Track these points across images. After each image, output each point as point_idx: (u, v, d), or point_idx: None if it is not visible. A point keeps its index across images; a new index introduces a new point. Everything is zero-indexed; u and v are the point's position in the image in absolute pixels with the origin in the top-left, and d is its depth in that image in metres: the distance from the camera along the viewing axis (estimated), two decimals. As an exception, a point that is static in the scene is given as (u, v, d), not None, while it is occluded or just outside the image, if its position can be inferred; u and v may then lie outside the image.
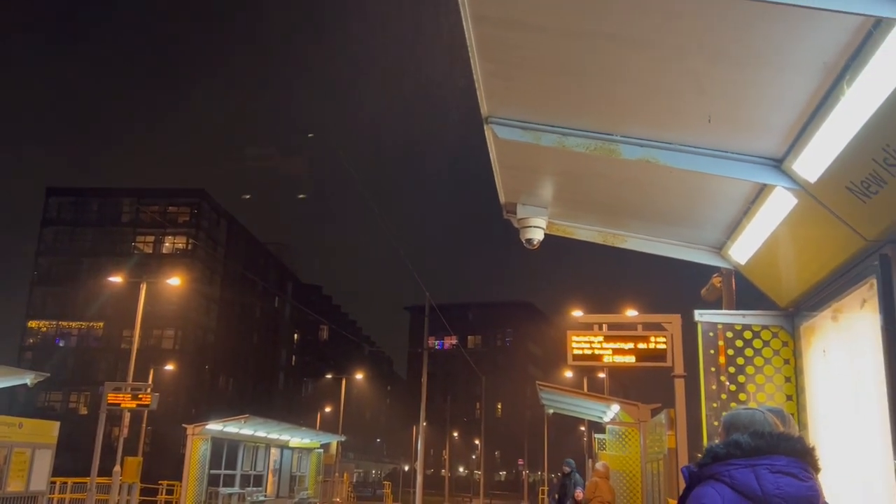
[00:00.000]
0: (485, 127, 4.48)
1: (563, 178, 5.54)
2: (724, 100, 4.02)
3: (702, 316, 5.98)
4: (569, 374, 46.60)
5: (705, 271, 9.08)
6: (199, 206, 65.04)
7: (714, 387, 5.89)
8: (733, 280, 8.23)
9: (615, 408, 17.06)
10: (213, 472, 24.47)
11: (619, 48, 3.71)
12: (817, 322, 5.47)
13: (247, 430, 26.38)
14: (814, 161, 4.15)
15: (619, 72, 3.93)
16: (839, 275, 4.89)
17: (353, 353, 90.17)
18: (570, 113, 4.43)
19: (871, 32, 3.15)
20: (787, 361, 5.88)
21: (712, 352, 5.94)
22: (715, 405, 5.86)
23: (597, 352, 13.60)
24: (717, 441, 2.90)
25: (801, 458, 2.72)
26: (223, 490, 25.19)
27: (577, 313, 29.14)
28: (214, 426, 24.01)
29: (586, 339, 13.62)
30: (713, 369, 5.91)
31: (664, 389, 10.02)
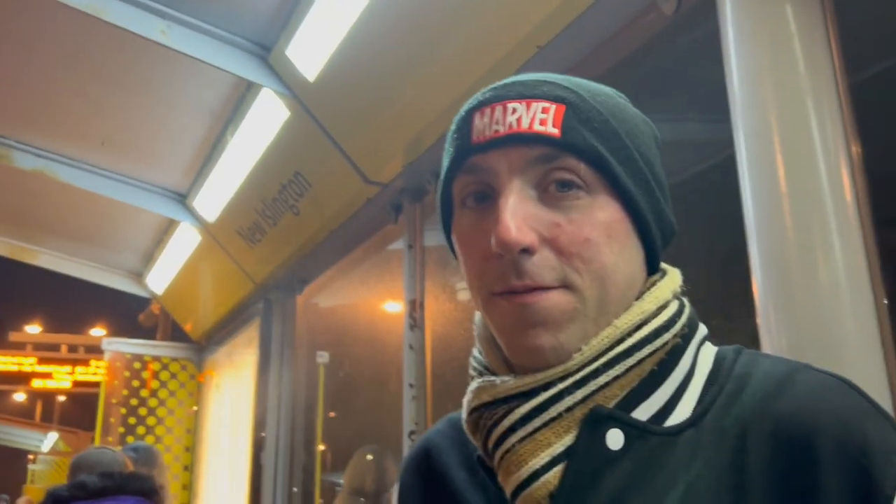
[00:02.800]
0: None
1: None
2: (121, 126, 3.89)
3: (110, 345, 5.71)
4: (21, 395, 41.20)
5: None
6: None
7: (113, 420, 5.65)
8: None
9: (53, 436, 15.58)
10: None
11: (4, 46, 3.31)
12: (219, 357, 5.68)
13: None
14: (211, 202, 4.28)
15: (6, 72, 3.51)
16: (237, 314, 5.14)
17: None
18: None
19: (245, 93, 3.36)
20: (191, 394, 5.96)
21: (116, 382, 5.71)
22: (111, 439, 5.61)
23: (27, 374, 12.23)
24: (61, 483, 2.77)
25: (148, 497, 2.72)
26: None
27: (32, 328, 26.13)
28: None
29: (15, 360, 12.16)
30: (115, 401, 5.68)
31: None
